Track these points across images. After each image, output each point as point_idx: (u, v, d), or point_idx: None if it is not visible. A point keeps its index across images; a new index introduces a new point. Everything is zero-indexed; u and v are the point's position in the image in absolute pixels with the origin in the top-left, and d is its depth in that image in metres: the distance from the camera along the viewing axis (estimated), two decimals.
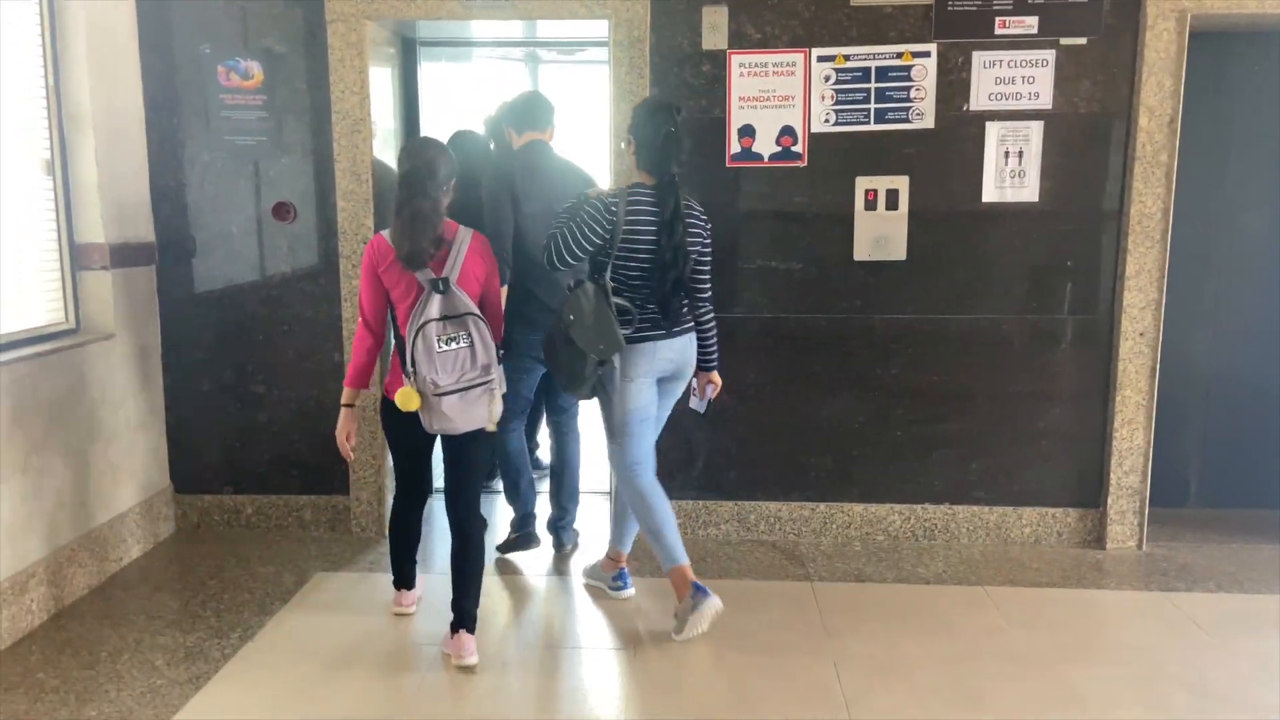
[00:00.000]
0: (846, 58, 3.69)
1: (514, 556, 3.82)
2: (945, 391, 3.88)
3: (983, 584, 3.55)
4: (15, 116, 3.26)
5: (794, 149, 3.75)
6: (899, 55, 3.68)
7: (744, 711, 2.66)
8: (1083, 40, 3.65)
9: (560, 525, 3.88)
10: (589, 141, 5.43)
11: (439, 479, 3.22)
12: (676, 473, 3.97)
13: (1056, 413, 3.87)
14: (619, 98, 3.72)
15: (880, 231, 3.78)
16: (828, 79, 3.71)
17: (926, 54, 3.67)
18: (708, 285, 3.21)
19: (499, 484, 4.26)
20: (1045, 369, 3.84)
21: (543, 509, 3.92)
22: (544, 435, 4.49)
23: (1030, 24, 3.63)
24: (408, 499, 3.17)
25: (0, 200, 3.17)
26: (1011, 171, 3.71)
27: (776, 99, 3.73)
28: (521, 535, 3.83)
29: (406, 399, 2.74)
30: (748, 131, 3.75)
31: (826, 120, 3.73)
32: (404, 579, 3.30)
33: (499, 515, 4.22)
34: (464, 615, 2.94)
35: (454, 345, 2.74)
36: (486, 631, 3.12)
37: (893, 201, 3.75)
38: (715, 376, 3.34)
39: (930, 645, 3.06)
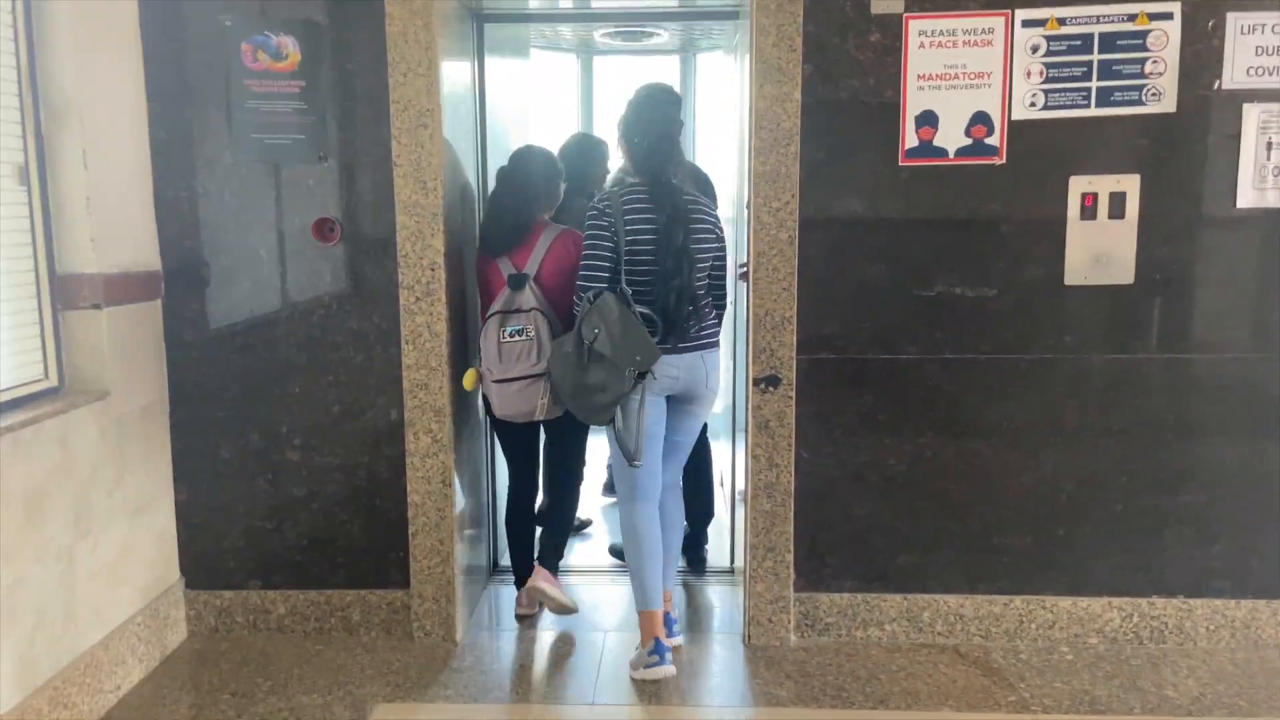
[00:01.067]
0: (1061, 21, 2.91)
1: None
2: (1181, 453, 3.08)
3: (1256, 714, 2.74)
4: None
5: (989, 141, 2.97)
6: (1131, 17, 2.89)
7: None
8: None
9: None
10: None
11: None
12: (829, 557, 3.17)
13: None
14: (762, 76, 2.94)
15: (1100, 247, 2.99)
16: (1036, 49, 2.92)
17: (1167, 15, 2.89)
18: (724, 289, 3.10)
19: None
20: None
21: None
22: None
23: None
24: (516, 485, 3.47)
25: None
26: (1275, 168, 2.92)
27: (967, 77, 2.95)
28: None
29: (468, 379, 3.18)
30: (928, 120, 2.97)
31: (1032, 103, 2.95)
32: (526, 573, 3.38)
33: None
34: (542, 550, 3.38)
35: (518, 338, 3.07)
36: None
37: (1118, 208, 2.96)
38: None
39: None
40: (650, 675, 2.92)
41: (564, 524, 3.45)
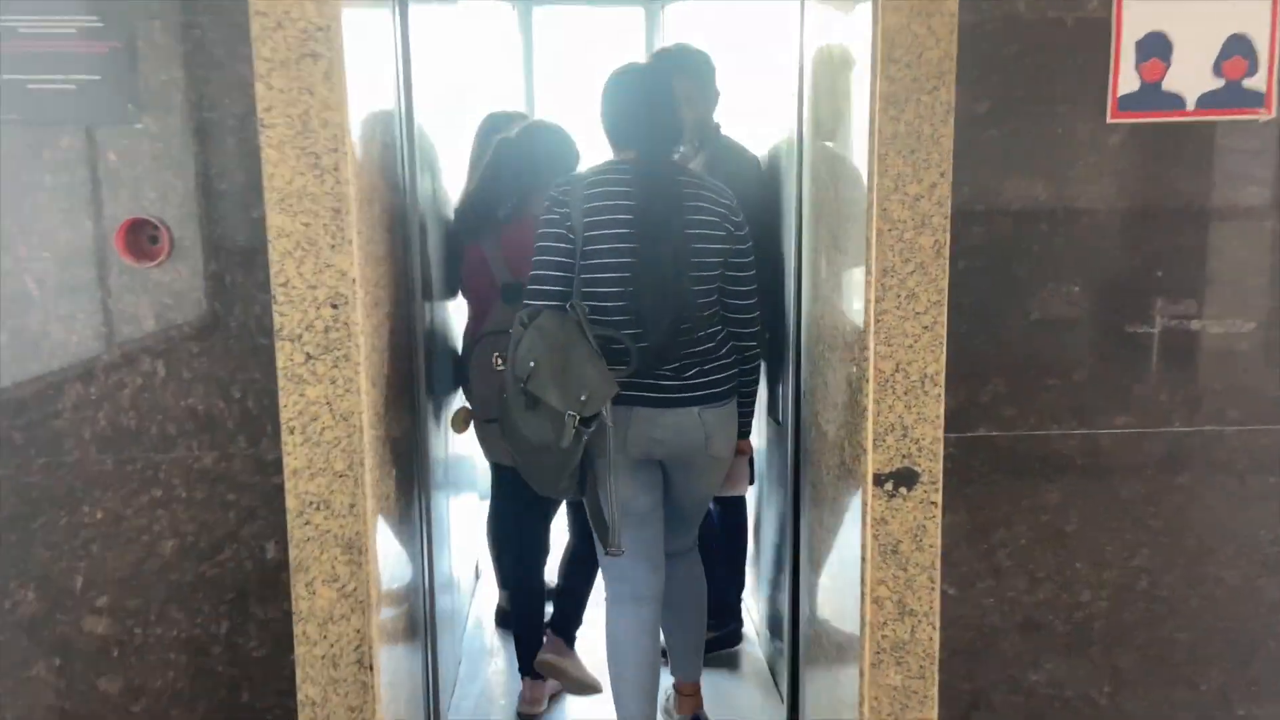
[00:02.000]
0: None
1: None
2: None
3: None
4: None
5: (1249, 84, 1.92)
6: None
7: None
8: None
9: None
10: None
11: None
12: None
13: None
14: None
15: None
16: None
17: None
18: (748, 314, 2.37)
19: None
20: None
21: None
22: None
23: None
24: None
25: None
26: None
27: None
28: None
29: (455, 421, 2.71)
30: (1156, 48, 1.91)
31: None
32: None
33: None
34: (556, 617, 2.83)
35: None
36: None
37: None
38: (744, 445, 2.54)
39: None
40: None
41: (587, 579, 2.85)
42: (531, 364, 2.10)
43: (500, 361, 2.52)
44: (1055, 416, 2.01)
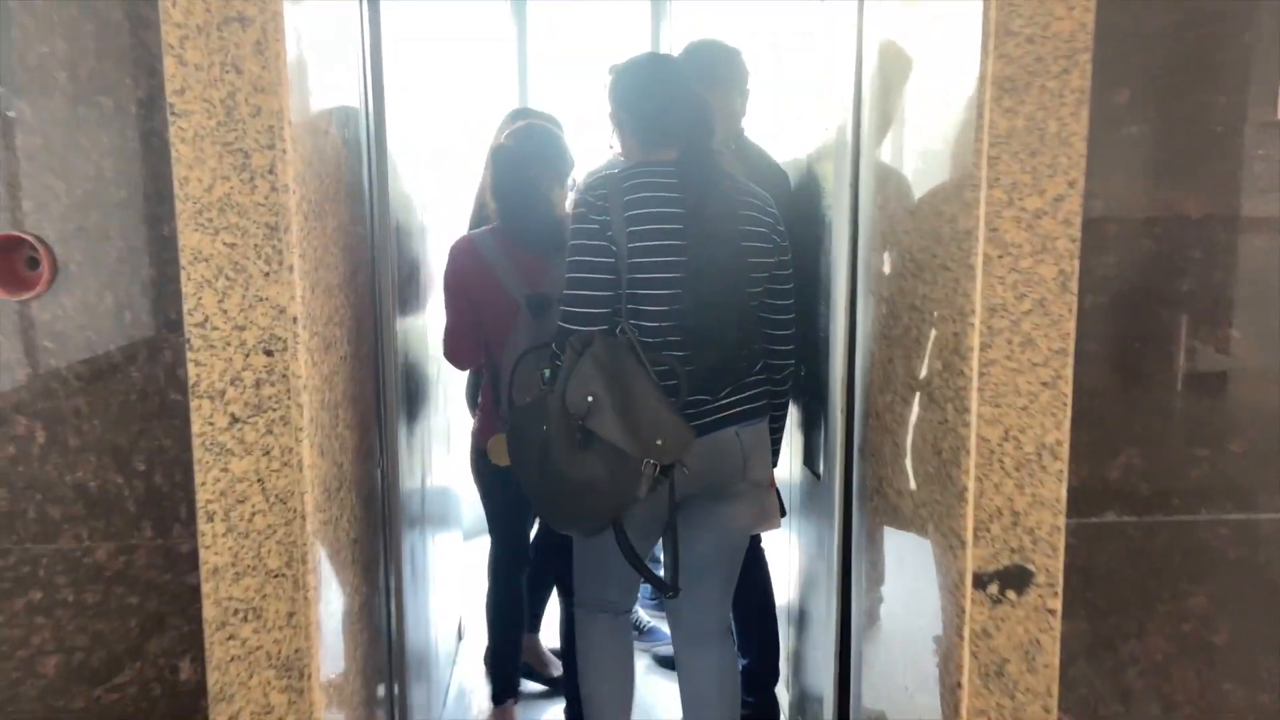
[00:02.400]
0: None
1: None
2: None
3: None
4: None
5: None
6: None
7: None
8: None
9: None
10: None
11: None
12: None
13: None
14: None
15: None
16: None
17: None
18: (786, 330, 2.18)
19: None
20: None
21: None
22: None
23: None
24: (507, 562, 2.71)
25: None
26: None
27: None
28: None
29: (499, 451, 2.39)
30: None
31: None
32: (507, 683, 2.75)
33: None
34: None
35: None
36: None
37: None
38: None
39: None
40: None
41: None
42: (590, 399, 1.90)
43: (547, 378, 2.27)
44: (1205, 498, 1.59)
